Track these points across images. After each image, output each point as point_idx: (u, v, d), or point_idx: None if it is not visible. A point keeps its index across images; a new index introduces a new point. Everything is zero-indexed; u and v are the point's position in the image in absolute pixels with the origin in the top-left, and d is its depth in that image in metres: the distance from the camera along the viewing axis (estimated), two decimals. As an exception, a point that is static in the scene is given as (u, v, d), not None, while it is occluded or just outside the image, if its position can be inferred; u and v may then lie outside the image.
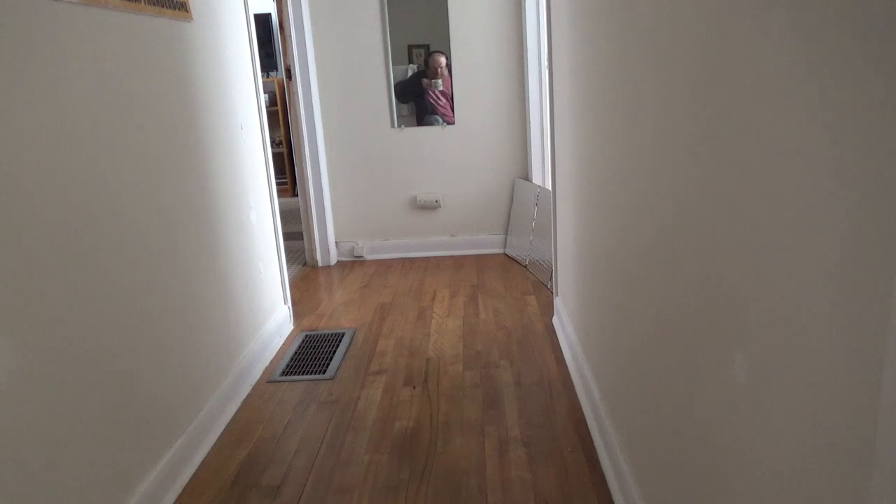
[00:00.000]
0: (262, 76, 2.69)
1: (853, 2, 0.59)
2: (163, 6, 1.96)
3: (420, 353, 2.74)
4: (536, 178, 3.93)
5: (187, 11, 2.15)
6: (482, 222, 4.17)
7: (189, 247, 2.08)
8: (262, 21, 6.22)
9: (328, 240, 4.11)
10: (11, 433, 1.26)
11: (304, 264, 4.17)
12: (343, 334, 2.98)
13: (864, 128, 0.58)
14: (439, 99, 3.96)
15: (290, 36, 3.74)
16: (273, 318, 2.86)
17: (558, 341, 2.75)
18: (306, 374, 2.59)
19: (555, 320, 2.93)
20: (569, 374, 2.45)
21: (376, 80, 3.94)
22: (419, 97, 3.96)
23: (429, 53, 3.88)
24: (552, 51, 2.68)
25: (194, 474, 1.96)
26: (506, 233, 4.17)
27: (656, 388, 1.33)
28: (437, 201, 4.13)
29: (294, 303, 3.45)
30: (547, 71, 3.06)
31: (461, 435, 2.09)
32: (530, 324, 2.97)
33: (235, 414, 2.31)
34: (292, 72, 3.79)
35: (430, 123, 4.01)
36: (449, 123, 4.01)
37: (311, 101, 3.85)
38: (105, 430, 1.56)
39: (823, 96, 0.65)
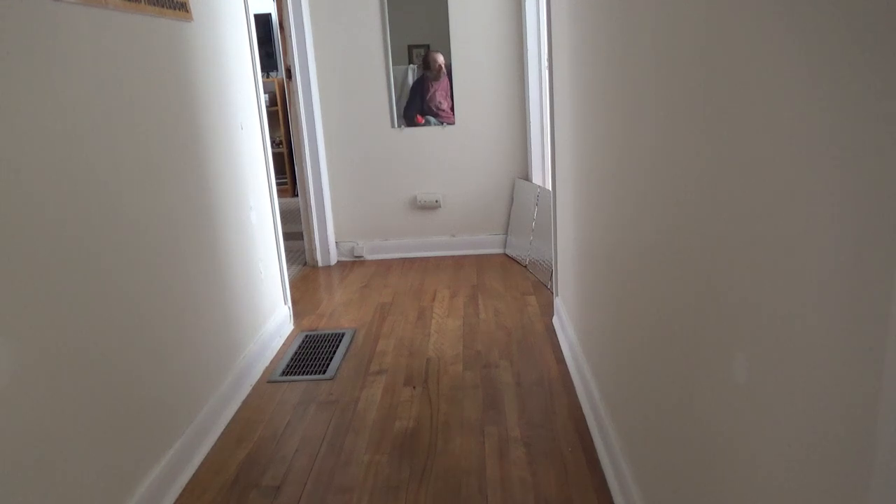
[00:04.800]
0: (262, 76, 2.69)
1: (853, 2, 0.59)
2: (163, 6, 1.96)
3: (420, 353, 2.74)
4: (536, 178, 3.93)
5: (187, 11, 2.15)
6: (482, 222, 4.17)
7: (189, 247, 2.08)
8: (262, 21, 6.22)
9: (328, 240, 4.11)
10: (12, 434, 1.26)
11: (304, 264, 4.17)
12: (343, 334, 2.98)
13: (863, 128, 0.58)
14: (441, 103, 3.97)
15: (290, 36, 3.74)
16: (273, 319, 2.86)
17: (558, 341, 2.75)
18: (306, 374, 2.59)
19: (555, 320, 2.93)
20: (569, 374, 2.45)
21: (376, 80, 3.95)
22: (422, 101, 3.96)
23: (427, 53, 3.88)
24: (552, 51, 2.68)
25: (194, 474, 1.96)
26: (506, 233, 4.17)
27: (656, 388, 1.34)
28: (437, 201, 4.13)
29: (294, 303, 3.45)
30: (547, 71, 3.06)
31: (461, 435, 2.09)
32: (530, 324, 2.97)
33: (235, 414, 2.31)
34: (292, 72, 3.79)
35: (427, 124, 4.01)
36: (449, 123, 4.02)
37: (311, 101, 3.85)
38: (105, 430, 1.56)
39: (824, 96, 0.65)
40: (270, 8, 6.07)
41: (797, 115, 0.70)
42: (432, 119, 4.00)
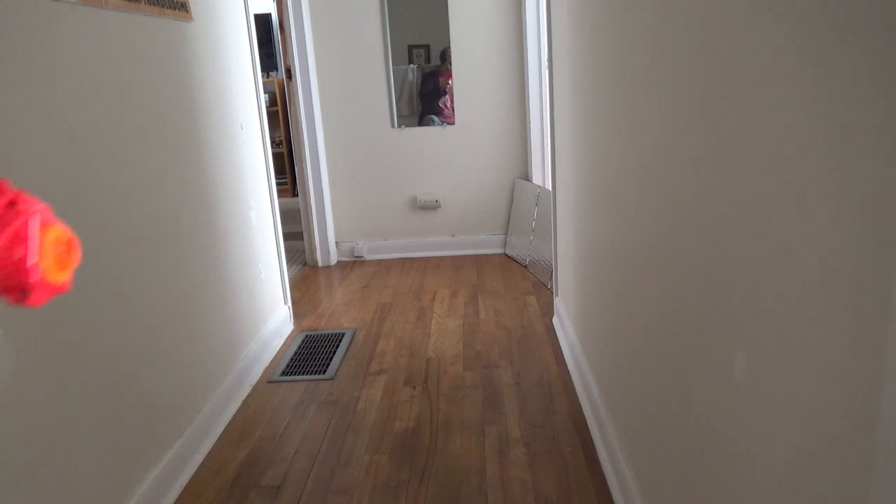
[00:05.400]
0: (262, 76, 2.68)
1: (853, 4, 0.59)
2: (163, 6, 1.96)
3: (420, 353, 2.74)
4: (536, 178, 3.93)
5: (187, 12, 2.15)
6: (482, 222, 4.17)
7: (189, 247, 2.08)
8: (262, 21, 6.22)
9: (328, 240, 4.11)
10: (12, 434, 1.26)
11: (305, 264, 4.17)
12: (343, 334, 2.98)
13: (863, 128, 0.58)
14: (447, 100, 3.97)
15: (290, 36, 3.74)
16: (273, 319, 2.86)
17: (558, 341, 2.75)
18: (306, 374, 2.59)
19: (555, 320, 2.93)
20: (569, 374, 2.45)
21: (376, 80, 3.95)
22: (432, 97, 3.96)
23: (443, 49, 3.89)
24: (552, 50, 2.68)
25: (194, 474, 1.96)
26: (506, 233, 4.17)
27: (656, 388, 1.34)
28: (437, 201, 4.13)
29: (294, 303, 3.45)
30: (547, 71, 3.06)
31: (461, 435, 2.09)
32: (530, 324, 2.97)
33: (235, 414, 2.31)
34: (292, 72, 3.79)
35: (428, 123, 4.01)
36: (449, 123, 4.02)
37: (311, 101, 3.85)
38: (105, 430, 1.56)
39: (823, 96, 0.65)
40: (270, 8, 6.07)
41: (797, 115, 0.70)
42: (435, 118, 4.00)
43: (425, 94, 3.97)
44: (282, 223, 3.09)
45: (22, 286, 0.28)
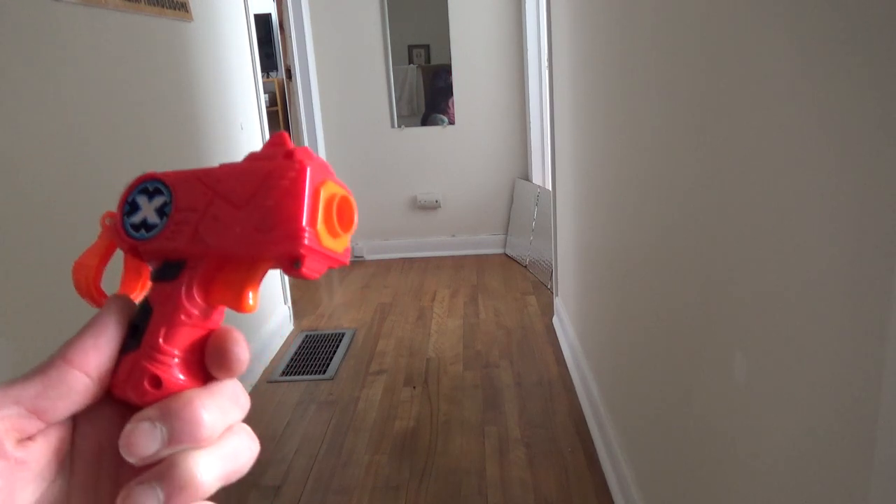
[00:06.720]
0: (262, 76, 2.70)
1: (853, 4, 0.59)
2: (163, 6, 1.96)
3: (420, 353, 2.74)
4: (536, 178, 3.93)
5: (187, 12, 2.15)
6: (482, 222, 4.17)
7: (189, 247, 2.08)
8: (262, 21, 6.22)
9: (328, 240, 4.10)
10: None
11: (304, 264, 4.17)
12: (343, 334, 2.98)
13: (863, 127, 0.58)
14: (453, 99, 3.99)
15: (290, 36, 3.74)
16: (273, 318, 2.86)
17: (558, 341, 2.75)
18: (306, 374, 2.59)
19: (555, 320, 2.93)
20: (569, 374, 2.45)
21: (376, 80, 3.95)
22: (441, 94, 3.96)
23: None
24: (552, 51, 2.68)
25: (194, 474, 1.96)
26: (506, 233, 4.17)
27: (656, 388, 1.34)
28: (437, 201, 4.13)
29: (294, 303, 3.45)
30: (547, 71, 3.06)
31: (461, 435, 2.09)
32: (530, 324, 2.97)
33: (235, 414, 2.31)
34: (292, 72, 3.79)
35: (434, 123, 4.01)
36: (450, 123, 4.02)
37: (311, 101, 3.85)
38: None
39: (823, 96, 0.65)
40: (270, 8, 6.07)
41: (797, 115, 0.70)
42: (443, 118, 3.99)
43: (436, 90, 3.96)
44: (282, 223, 3.08)
45: (293, 252, 0.24)
